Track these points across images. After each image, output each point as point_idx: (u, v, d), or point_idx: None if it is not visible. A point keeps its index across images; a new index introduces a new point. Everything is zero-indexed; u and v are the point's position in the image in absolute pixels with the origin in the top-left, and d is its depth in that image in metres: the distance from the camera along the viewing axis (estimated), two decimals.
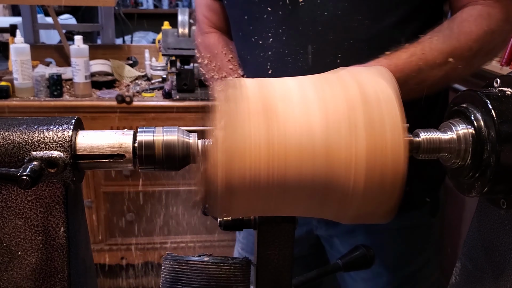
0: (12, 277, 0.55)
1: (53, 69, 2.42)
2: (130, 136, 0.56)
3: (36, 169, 0.50)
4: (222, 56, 1.09)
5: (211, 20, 1.16)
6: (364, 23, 0.92)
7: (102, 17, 2.82)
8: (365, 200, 0.56)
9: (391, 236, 1.10)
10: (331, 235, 1.14)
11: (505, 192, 0.60)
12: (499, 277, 0.65)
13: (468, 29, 0.86)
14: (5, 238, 0.55)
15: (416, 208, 1.10)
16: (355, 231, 1.10)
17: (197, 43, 1.17)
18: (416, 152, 0.60)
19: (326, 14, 0.92)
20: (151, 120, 2.21)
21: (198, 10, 1.18)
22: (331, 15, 0.92)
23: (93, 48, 2.43)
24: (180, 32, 2.17)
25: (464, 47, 0.85)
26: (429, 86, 0.86)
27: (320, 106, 0.54)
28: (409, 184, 1.01)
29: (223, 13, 1.13)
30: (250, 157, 0.52)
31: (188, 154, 0.57)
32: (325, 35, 0.93)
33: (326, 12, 0.92)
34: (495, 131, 0.56)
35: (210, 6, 1.15)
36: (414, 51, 0.84)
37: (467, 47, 0.85)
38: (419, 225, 1.11)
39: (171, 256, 0.72)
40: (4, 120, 0.55)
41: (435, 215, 1.12)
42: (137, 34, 4.25)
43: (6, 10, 3.82)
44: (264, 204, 0.56)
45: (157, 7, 5.17)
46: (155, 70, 2.49)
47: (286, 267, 0.71)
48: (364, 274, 1.13)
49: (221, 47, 1.11)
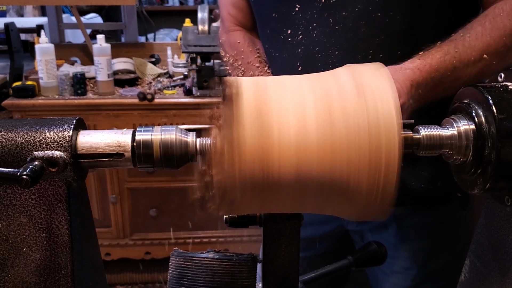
0: (18, 273, 0.57)
1: (77, 68, 2.47)
2: (129, 136, 0.57)
3: (37, 168, 0.51)
4: (248, 54, 1.08)
5: (236, 18, 1.15)
6: (396, 18, 0.91)
7: (125, 15, 2.86)
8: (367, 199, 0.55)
9: (422, 230, 1.10)
10: (362, 229, 1.15)
11: (509, 189, 0.59)
12: (506, 274, 0.64)
13: (501, 24, 0.85)
14: (11, 235, 0.57)
15: (447, 202, 1.09)
16: (388, 225, 1.11)
17: (221, 42, 1.17)
18: (416, 149, 0.60)
19: (357, 10, 0.92)
20: (172, 117, 2.23)
21: (223, 8, 1.18)
22: (363, 11, 0.92)
23: (116, 47, 2.48)
24: (200, 29, 2.18)
25: (498, 43, 0.84)
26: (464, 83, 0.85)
27: (315, 105, 0.54)
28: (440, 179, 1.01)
29: (248, 11, 1.12)
30: (245, 157, 0.52)
31: (186, 152, 0.58)
32: (356, 31, 0.93)
33: (357, 8, 0.92)
34: (496, 127, 0.55)
35: (235, 4, 1.14)
36: (448, 50, 0.83)
37: (501, 42, 0.84)
38: (449, 218, 1.11)
39: (177, 252, 0.73)
40: (8, 121, 0.57)
41: (465, 208, 1.12)
42: (161, 31, 4.30)
43: (36, 10, 3.91)
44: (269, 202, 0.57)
45: (183, 4, 5.20)
46: (176, 67, 2.52)
47: (292, 263, 0.71)
48: (395, 267, 1.13)
49: (247, 45, 1.10)
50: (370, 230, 1.13)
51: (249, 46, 1.09)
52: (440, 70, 0.82)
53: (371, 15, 0.92)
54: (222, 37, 1.17)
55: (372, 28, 0.92)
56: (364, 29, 0.93)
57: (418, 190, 1.04)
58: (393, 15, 0.91)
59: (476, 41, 0.84)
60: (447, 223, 1.11)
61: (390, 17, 0.91)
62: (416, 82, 0.79)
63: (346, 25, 0.93)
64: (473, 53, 0.84)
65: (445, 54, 0.83)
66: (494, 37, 0.84)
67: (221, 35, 1.18)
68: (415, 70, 0.80)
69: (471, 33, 0.85)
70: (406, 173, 1.01)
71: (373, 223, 1.12)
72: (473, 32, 0.85)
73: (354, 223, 1.14)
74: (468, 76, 0.85)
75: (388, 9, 0.91)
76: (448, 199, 1.09)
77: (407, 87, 0.77)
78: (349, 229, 1.17)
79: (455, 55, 0.83)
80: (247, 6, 1.12)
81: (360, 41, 0.93)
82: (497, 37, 0.84)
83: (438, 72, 0.82)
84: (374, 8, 0.91)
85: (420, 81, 0.79)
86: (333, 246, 1.21)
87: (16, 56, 2.41)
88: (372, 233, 1.13)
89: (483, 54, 0.84)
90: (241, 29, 1.15)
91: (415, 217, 1.09)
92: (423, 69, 0.81)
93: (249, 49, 1.09)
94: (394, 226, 1.10)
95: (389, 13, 0.91)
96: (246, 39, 1.12)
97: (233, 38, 1.13)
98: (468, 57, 0.83)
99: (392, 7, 0.91)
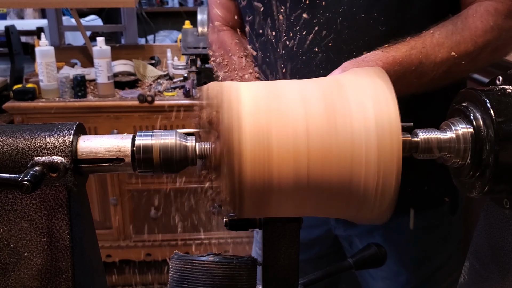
0: (20, 277, 0.58)
1: (77, 70, 2.48)
2: (129, 141, 0.57)
3: (37, 174, 0.52)
4: (235, 53, 1.08)
5: (225, 18, 1.15)
6: (380, 20, 0.91)
7: (125, 17, 2.86)
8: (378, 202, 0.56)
9: (410, 236, 1.09)
10: (350, 235, 1.15)
11: (507, 192, 0.59)
12: (505, 276, 0.64)
13: (473, 24, 0.84)
14: (12, 240, 0.57)
15: (434, 207, 1.09)
16: (374, 231, 1.10)
17: (210, 41, 1.17)
18: (415, 152, 0.60)
19: (341, 11, 0.92)
20: (172, 119, 2.24)
21: (212, 8, 1.18)
22: (346, 12, 0.92)
23: (116, 49, 2.48)
24: (199, 31, 2.19)
25: (468, 42, 0.83)
26: (431, 81, 0.84)
27: (316, 109, 0.55)
28: (427, 184, 1.00)
29: (236, 11, 1.13)
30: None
31: (186, 157, 0.58)
32: (340, 33, 0.93)
33: (341, 10, 0.92)
34: (494, 130, 0.55)
35: (224, 5, 1.15)
36: (415, 45, 0.82)
37: (472, 42, 0.83)
38: (438, 223, 1.10)
39: (178, 255, 0.73)
40: (9, 126, 0.57)
41: (454, 213, 1.11)
42: (161, 33, 4.30)
43: (36, 12, 3.92)
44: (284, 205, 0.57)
45: (182, 5, 5.21)
46: (176, 69, 2.52)
47: (292, 266, 0.71)
48: (383, 272, 1.12)
49: (234, 44, 1.10)
50: (357, 235, 1.12)
51: (236, 46, 1.09)
52: (404, 64, 0.81)
53: (355, 16, 0.91)
54: (211, 37, 1.17)
55: (356, 29, 0.92)
56: (347, 31, 0.92)
57: (404, 194, 1.03)
58: (377, 16, 0.91)
59: (445, 39, 0.83)
60: (436, 228, 1.11)
61: (374, 19, 0.91)
62: None
63: (330, 27, 0.93)
64: (441, 51, 0.82)
65: (411, 49, 0.82)
66: (464, 36, 0.83)
67: (209, 35, 1.19)
68: (377, 61, 0.79)
69: (441, 31, 0.84)
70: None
71: (360, 228, 1.10)
72: (443, 30, 0.84)
73: (341, 228, 1.14)
74: (434, 74, 0.83)
75: (372, 11, 0.91)
76: (435, 203, 1.08)
77: None
78: (337, 234, 1.16)
79: (421, 51, 0.82)
80: (235, 6, 1.12)
81: (344, 42, 0.93)
82: (467, 36, 0.83)
83: (401, 65, 0.80)
84: (358, 10, 0.91)
85: None
86: (325, 250, 1.21)
87: (17, 58, 2.42)
88: (359, 238, 1.12)
89: (451, 52, 0.82)
90: (229, 29, 1.15)
91: (403, 222, 1.07)
92: (386, 61, 0.79)
93: (236, 48, 1.08)
94: (381, 231, 1.10)
95: (373, 15, 0.91)
96: (233, 38, 1.12)
97: (221, 37, 1.14)
98: (435, 54, 0.82)
99: (376, 9, 0.91)
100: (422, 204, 1.07)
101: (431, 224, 1.10)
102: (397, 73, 0.80)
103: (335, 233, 1.16)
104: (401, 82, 0.79)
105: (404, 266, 1.11)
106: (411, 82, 0.82)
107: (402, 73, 0.80)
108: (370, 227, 1.09)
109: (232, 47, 1.10)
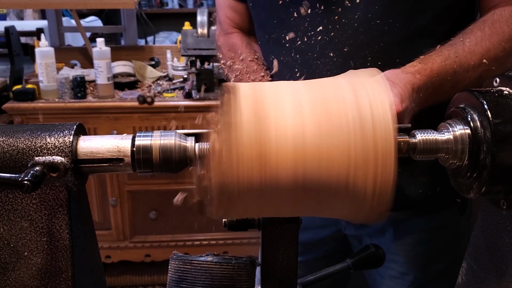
0: (20, 276, 0.58)
1: (77, 71, 2.48)
2: (129, 141, 0.58)
3: (38, 174, 0.52)
4: (246, 56, 1.08)
5: (234, 21, 1.15)
6: (395, 26, 0.92)
7: (125, 18, 2.87)
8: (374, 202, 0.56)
9: (420, 236, 1.10)
10: (360, 234, 1.15)
11: (504, 193, 0.60)
12: (502, 277, 0.65)
13: (500, 30, 0.86)
14: (12, 239, 0.57)
15: (446, 208, 1.10)
16: (385, 231, 1.11)
17: (219, 44, 1.16)
18: (413, 153, 0.61)
19: (357, 17, 0.92)
20: (172, 120, 2.24)
21: (220, 11, 1.17)
22: (362, 18, 0.92)
23: (116, 50, 2.48)
24: (199, 32, 2.19)
25: (497, 48, 0.85)
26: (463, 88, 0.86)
27: (312, 110, 0.55)
28: (439, 185, 1.01)
29: (246, 14, 1.12)
30: (243, 161, 0.53)
31: (185, 157, 0.59)
32: (355, 38, 0.93)
33: (357, 16, 0.92)
34: (491, 131, 0.56)
35: (233, 7, 1.14)
36: (448, 55, 0.84)
37: (501, 48, 0.85)
38: (448, 224, 1.11)
39: (176, 255, 0.74)
40: (9, 127, 0.57)
41: (463, 213, 1.12)
42: (161, 34, 4.30)
43: (36, 13, 3.92)
44: (258, 207, 0.57)
45: (182, 7, 5.21)
46: (176, 70, 2.52)
47: (291, 266, 0.72)
48: (392, 271, 1.13)
49: (245, 47, 1.09)
50: (368, 234, 1.13)
51: (247, 48, 1.09)
52: (441, 75, 0.83)
53: (370, 22, 0.92)
54: (220, 40, 1.16)
55: (371, 35, 0.93)
56: (363, 36, 0.93)
57: (416, 196, 1.04)
58: (392, 23, 0.92)
59: (475, 46, 0.85)
60: (445, 229, 1.12)
61: (389, 25, 0.92)
62: (417, 86, 0.80)
63: (345, 32, 0.94)
64: (473, 58, 0.84)
65: (445, 59, 0.84)
66: (493, 43, 0.85)
67: (218, 38, 1.18)
68: (416, 74, 0.80)
69: (471, 38, 0.86)
70: (405, 178, 1.02)
71: (371, 228, 1.12)
72: (473, 37, 0.86)
73: (352, 228, 1.15)
74: (468, 81, 0.85)
75: (387, 17, 0.92)
76: (447, 205, 1.09)
77: (408, 91, 0.78)
78: (347, 233, 1.17)
79: (455, 60, 0.84)
80: (245, 9, 1.12)
81: (359, 48, 0.94)
82: (496, 42, 0.85)
83: (438, 76, 0.82)
84: (373, 16, 0.92)
85: (421, 85, 0.80)
86: (332, 250, 1.21)
87: (16, 59, 2.42)
88: (370, 237, 1.13)
89: (483, 59, 0.84)
90: (239, 31, 1.14)
91: (413, 223, 1.09)
92: (424, 73, 0.81)
93: (247, 51, 1.08)
94: (392, 231, 1.10)
95: (388, 21, 0.92)
96: (244, 41, 1.11)
97: (231, 40, 1.13)
98: (468, 62, 0.84)
99: (392, 15, 0.92)
100: (434, 206, 1.08)
101: (442, 224, 1.11)
102: (435, 84, 0.82)
103: (345, 232, 1.17)
104: (438, 92, 0.82)
105: (413, 265, 1.12)
106: (447, 91, 0.83)
107: (439, 84, 0.82)
108: (381, 226, 1.11)
109: (243, 50, 1.09)
